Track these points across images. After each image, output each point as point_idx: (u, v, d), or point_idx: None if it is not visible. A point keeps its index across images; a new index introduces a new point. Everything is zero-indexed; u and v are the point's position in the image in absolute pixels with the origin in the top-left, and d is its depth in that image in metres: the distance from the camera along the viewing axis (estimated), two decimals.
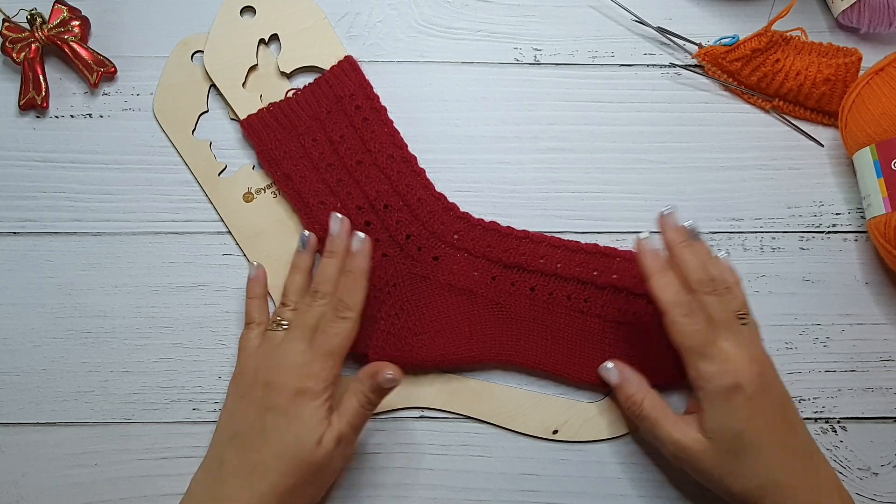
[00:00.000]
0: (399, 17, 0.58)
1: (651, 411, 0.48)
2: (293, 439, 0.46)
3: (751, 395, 0.45)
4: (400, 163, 0.54)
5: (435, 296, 0.54)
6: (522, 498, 0.53)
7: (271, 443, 0.46)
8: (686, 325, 0.46)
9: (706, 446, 0.46)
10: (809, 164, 0.57)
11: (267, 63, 0.56)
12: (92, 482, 0.52)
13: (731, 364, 0.46)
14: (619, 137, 0.57)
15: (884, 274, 0.56)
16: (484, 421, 0.53)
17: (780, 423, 0.47)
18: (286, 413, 0.46)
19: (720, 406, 0.46)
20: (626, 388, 0.50)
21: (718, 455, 0.46)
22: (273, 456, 0.45)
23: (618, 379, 0.50)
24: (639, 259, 0.49)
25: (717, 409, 0.46)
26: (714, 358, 0.46)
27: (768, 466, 0.45)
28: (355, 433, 0.48)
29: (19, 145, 0.56)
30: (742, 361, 0.46)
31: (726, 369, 0.46)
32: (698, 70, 0.58)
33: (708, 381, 0.46)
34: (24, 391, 0.53)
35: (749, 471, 0.46)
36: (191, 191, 0.56)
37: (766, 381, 0.47)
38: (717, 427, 0.46)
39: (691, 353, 0.47)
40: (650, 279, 0.48)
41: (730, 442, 0.46)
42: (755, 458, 0.45)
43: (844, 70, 0.55)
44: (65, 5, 0.56)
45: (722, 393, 0.46)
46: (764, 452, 0.45)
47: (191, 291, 0.54)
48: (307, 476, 0.46)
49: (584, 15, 0.59)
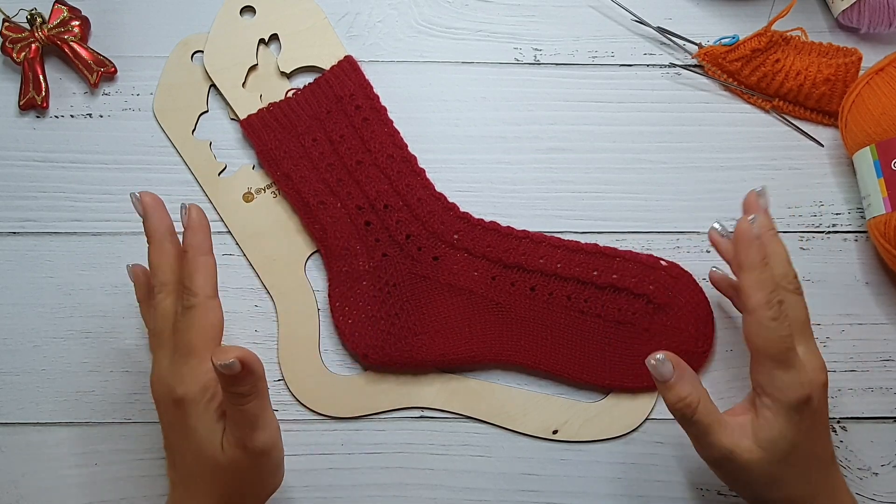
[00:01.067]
0: (399, 17, 0.58)
1: (704, 416, 0.43)
2: (195, 451, 0.43)
3: (815, 408, 0.43)
4: (400, 163, 0.54)
5: (435, 296, 0.54)
6: (522, 498, 0.53)
7: (184, 459, 0.44)
8: (773, 331, 0.42)
9: (758, 456, 0.43)
10: (809, 164, 0.57)
11: (267, 63, 0.56)
12: (92, 482, 0.52)
13: (806, 375, 0.42)
14: (619, 137, 0.57)
15: (884, 274, 0.56)
16: (484, 421, 0.53)
17: (823, 431, 0.45)
18: (178, 427, 0.44)
19: (786, 418, 0.42)
20: (680, 389, 0.43)
21: (768, 465, 0.43)
22: (188, 474, 0.44)
23: (672, 377, 0.43)
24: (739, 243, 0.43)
25: (780, 420, 0.42)
26: (792, 367, 0.42)
27: (805, 475, 0.44)
28: (252, 431, 0.43)
29: (19, 145, 0.56)
30: (814, 371, 0.43)
31: (802, 381, 0.42)
32: (698, 70, 0.58)
33: (782, 393, 0.42)
34: (24, 391, 0.53)
35: (790, 479, 0.44)
36: (191, 191, 0.56)
37: (826, 391, 0.44)
38: (775, 437, 0.43)
39: (770, 360, 0.42)
40: (746, 272, 0.42)
41: (783, 452, 0.43)
42: (798, 466, 0.43)
43: (844, 70, 0.55)
44: (65, 5, 0.56)
45: (791, 406, 0.42)
46: (806, 462, 0.44)
47: None
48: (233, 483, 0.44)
49: (584, 15, 0.59)
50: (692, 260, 0.55)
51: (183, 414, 0.43)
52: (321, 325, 0.54)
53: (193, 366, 0.43)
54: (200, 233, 0.44)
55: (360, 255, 0.54)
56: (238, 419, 0.43)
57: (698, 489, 0.53)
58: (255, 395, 0.42)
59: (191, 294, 0.43)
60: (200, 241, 0.44)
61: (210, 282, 0.44)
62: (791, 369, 0.42)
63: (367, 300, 0.53)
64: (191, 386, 0.43)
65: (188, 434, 0.43)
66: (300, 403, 0.53)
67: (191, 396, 0.43)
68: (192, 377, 0.43)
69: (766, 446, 0.43)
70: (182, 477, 0.45)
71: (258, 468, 0.44)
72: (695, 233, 0.56)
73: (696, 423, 0.43)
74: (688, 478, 0.53)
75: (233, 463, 0.43)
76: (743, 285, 0.43)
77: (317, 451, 0.53)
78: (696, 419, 0.43)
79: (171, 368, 0.44)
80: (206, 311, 0.43)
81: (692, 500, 0.53)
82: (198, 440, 0.43)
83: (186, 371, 0.43)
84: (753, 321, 0.42)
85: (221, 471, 0.43)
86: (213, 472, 0.43)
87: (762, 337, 0.42)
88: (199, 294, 0.43)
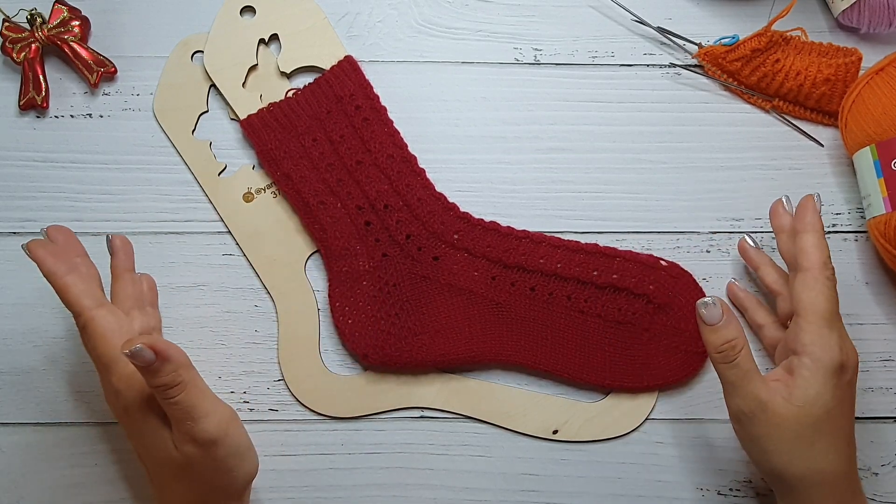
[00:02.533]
0: (399, 17, 0.58)
1: (745, 362, 0.45)
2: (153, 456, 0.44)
3: (849, 381, 0.45)
4: (400, 163, 0.54)
5: (435, 296, 0.54)
6: (522, 498, 0.53)
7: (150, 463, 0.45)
8: (829, 289, 0.45)
9: (793, 413, 0.44)
10: (809, 164, 0.57)
11: (267, 63, 0.56)
12: (92, 482, 0.52)
13: (847, 344, 0.45)
14: (619, 137, 0.57)
15: (884, 274, 0.56)
16: (484, 421, 0.53)
17: (850, 416, 0.46)
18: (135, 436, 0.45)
19: (822, 378, 0.44)
20: (727, 332, 0.45)
21: (801, 426, 0.44)
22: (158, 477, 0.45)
23: (722, 319, 0.45)
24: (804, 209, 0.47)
25: (817, 380, 0.44)
26: (838, 332, 0.45)
27: (836, 453, 0.45)
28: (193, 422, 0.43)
29: (19, 145, 0.56)
30: (851, 349, 0.46)
31: (843, 347, 0.45)
32: (698, 70, 0.58)
33: (824, 352, 0.44)
34: (24, 391, 0.53)
35: (822, 449, 0.44)
36: (191, 191, 0.56)
37: (855, 378, 0.46)
38: (811, 396, 0.44)
39: (820, 318, 0.45)
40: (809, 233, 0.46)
41: (816, 417, 0.44)
42: (829, 441, 0.44)
43: (844, 70, 0.55)
44: (65, 5, 0.56)
45: (830, 367, 0.44)
46: (836, 439, 0.45)
47: (191, 291, 0.54)
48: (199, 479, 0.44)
49: (584, 15, 0.59)
50: (692, 260, 0.55)
51: (131, 421, 0.44)
52: (321, 325, 0.54)
53: (119, 375, 0.44)
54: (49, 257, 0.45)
55: (360, 255, 0.54)
56: (175, 414, 0.43)
57: (698, 489, 0.53)
58: (181, 386, 0.42)
59: (75, 315, 0.45)
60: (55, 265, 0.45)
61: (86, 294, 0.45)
62: (836, 333, 0.45)
63: (367, 300, 0.53)
64: (126, 393, 0.44)
65: (142, 440, 0.44)
66: (300, 403, 0.53)
67: (129, 404, 0.44)
68: (123, 386, 0.44)
69: (801, 404, 0.44)
70: (155, 480, 0.46)
71: (217, 459, 0.44)
72: (695, 233, 0.56)
73: (738, 367, 0.45)
74: (688, 478, 0.53)
75: (189, 460, 0.43)
76: (804, 245, 0.46)
77: (317, 451, 0.53)
78: (738, 362, 0.44)
79: (105, 386, 0.45)
80: (98, 321, 0.44)
81: (692, 500, 0.53)
82: (150, 445, 0.44)
83: (115, 381, 0.44)
84: (809, 278, 0.45)
85: (182, 470, 0.43)
86: (175, 472, 0.44)
87: (817, 291, 0.45)
88: (81, 312, 0.44)
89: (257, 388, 0.54)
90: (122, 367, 0.44)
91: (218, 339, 0.54)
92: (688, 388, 0.54)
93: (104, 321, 0.44)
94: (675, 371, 0.52)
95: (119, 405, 0.45)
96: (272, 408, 0.53)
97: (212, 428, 0.43)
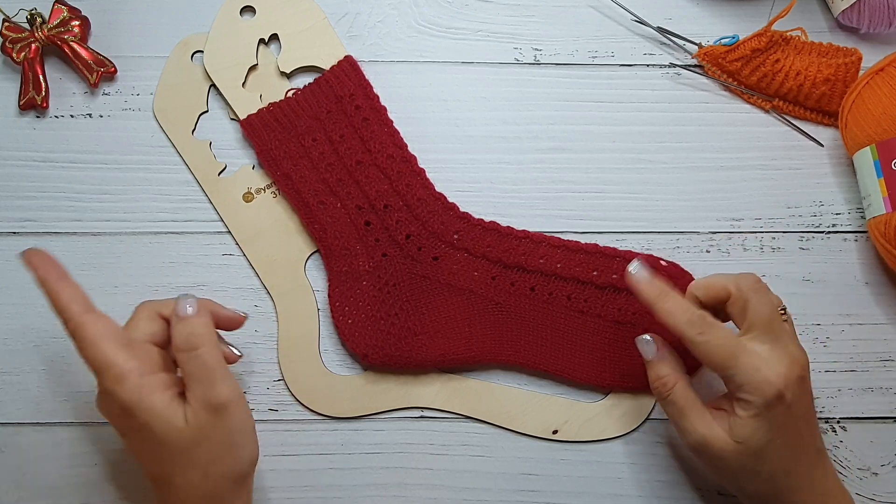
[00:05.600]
0: (399, 17, 0.58)
1: (680, 399, 0.46)
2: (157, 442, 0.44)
3: (790, 403, 0.44)
4: (400, 163, 0.54)
5: (435, 296, 0.54)
6: (522, 498, 0.53)
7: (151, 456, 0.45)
8: (705, 344, 0.44)
9: (732, 448, 0.44)
10: (809, 164, 0.57)
11: (267, 63, 0.56)
12: (92, 482, 0.52)
13: (773, 371, 0.43)
14: (619, 137, 0.57)
15: (884, 274, 0.56)
16: (484, 421, 0.53)
17: (804, 424, 0.45)
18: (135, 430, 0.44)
19: (757, 416, 0.44)
20: (659, 368, 0.47)
21: (742, 457, 0.44)
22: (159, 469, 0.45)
23: (653, 356, 0.47)
24: (635, 291, 0.47)
25: (752, 419, 0.44)
26: (749, 367, 0.44)
27: (785, 468, 0.45)
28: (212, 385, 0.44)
29: (19, 145, 0.56)
30: (782, 366, 0.44)
31: (768, 379, 0.43)
32: (698, 70, 0.58)
33: (749, 395, 0.44)
34: (24, 391, 0.53)
35: (767, 472, 0.45)
36: (191, 191, 0.56)
37: (804, 385, 0.45)
38: (748, 434, 0.44)
39: (724, 369, 0.44)
40: (654, 307, 0.46)
41: (757, 448, 0.44)
42: (776, 460, 0.44)
43: (844, 70, 0.55)
44: (65, 5, 0.56)
45: (763, 404, 0.43)
46: (784, 455, 0.45)
47: (190, 291, 0.54)
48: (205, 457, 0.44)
49: (584, 15, 0.59)
50: (692, 260, 0.55)
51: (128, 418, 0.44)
52: (321, 325, 0.54)
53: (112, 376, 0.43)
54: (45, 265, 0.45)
55: (360, 255, 0.54)
56: (195, 372, 0.44)
57: (698, 489, 0.53)
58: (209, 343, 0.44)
59: (64, 321, 0.44)
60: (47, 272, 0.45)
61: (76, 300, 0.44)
62: (750, 369, 0.44)
63: (367, 300, 0.53)
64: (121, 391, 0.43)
65: (143, 430, 0.44)
66: (300, 403, 0.53)
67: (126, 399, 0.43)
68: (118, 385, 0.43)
69: (740, 440, 0.44)
70: (155, 476, 0.45)
71: (227, 429, 0.44)
72: (695, 233, 0.56)
73: (672, 404, 0.46)
74: (688, 478, 0.53)
75: (199, 431, 0.43)
76: (661, 319, 0.46)
77: (317, 451, 0.53)
78: (672, 399, 0.46)
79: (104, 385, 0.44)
80: (88, 325, 0.44)
81: (692, 500, 0.53)
82: (157, 428, 0.43)
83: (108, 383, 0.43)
84: (687, 342, 0.45)
85: (189, 448, 0.43)
86: (182, 455, 0.44)
87: (700, 352, 0.45)
88: (71, 318, 0.44)
89: (257, 388, 0.54)
90: (114, 370, 0.43)
91: None
92: None
93: (93, 326, 0.44)
94: None
95: (114, 406, 0.44)
96: (272, 408, 0.53)
97: (227, 391, 0.44)
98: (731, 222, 0.56)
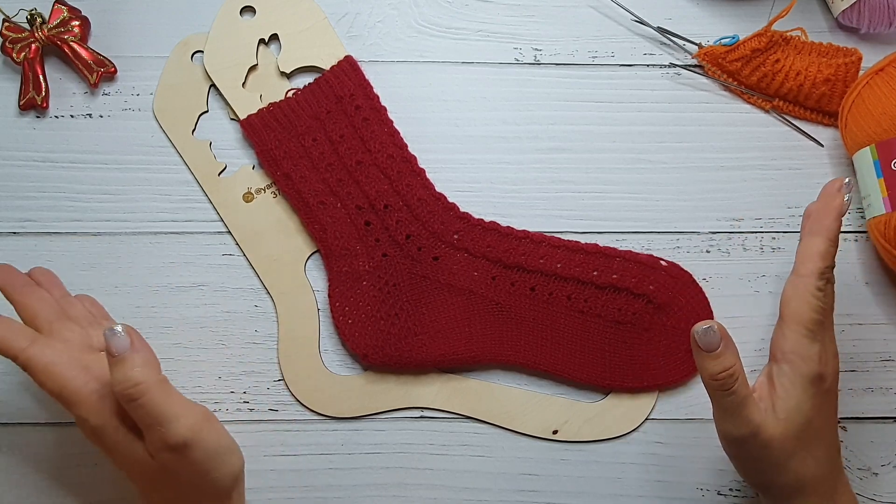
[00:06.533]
0: (399, 17, 0.58)
1: (743, 388, 0.43)
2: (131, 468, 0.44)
3: (827, 389, 0.45)
4: (400, 163, 0.54)
5: (435, 296, 0.54)
6: (522, 498, 0.53)
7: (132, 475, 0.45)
8: (817, 299, 0.44)
9: (780, 430, 0.43)
10: (809, 164, 0.57)
11: (267, 63, 0.56)
12: (92, 482, 0.52)
13: (827, 354, 0.44)
14: (619, 137, 0.57)
15: (884, 274, 0.56)
16: (484, 421, 0.53)
17: (831, 421, 0.46)
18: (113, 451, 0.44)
19: (801, 388, 0.44)
20: (726, 360, 0.43)
21: (786, 440, 0.43)
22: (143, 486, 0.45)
23: (721, 347, 0.43)
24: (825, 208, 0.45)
25: (797, 390, 0.44)
26: (820, 342, 0.44)
27: (816, 458, 0.45)
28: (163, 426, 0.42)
29: (19, 145, 0.56)
30: (833, 355, 0.45)
31: (822, 357, 0.44)
32: (698, 70, 0.58)
33: (803, 361, 0.44)
34: (24, 391, 0.53)
35: (803, 460, 0.44)
36: (191, 191, 0.56)
37: (835, 384, 0.46)
38: (792, 407, 0.44)
39: (802, 327, 0.44)
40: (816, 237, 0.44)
41: (798, 425, 0.44)
42: (811, 451, 0.44)
43: (844, 70, 0.55)
44: (65, 5, 0.56)
45: (808, 377, 0.44)
46: (815, 447, 0.45)
47: (191, 291, 0.54)
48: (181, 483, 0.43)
49: (584, 15, 0.59)
50: (692, 260, 0.55)
51: (101, 441, 0.44)
52: (321, 325, 0.54)
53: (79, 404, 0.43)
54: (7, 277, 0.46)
55: (360, 255, 0.54)
56: (143, 419, 0.42)
57: (698, 489, 0.53)
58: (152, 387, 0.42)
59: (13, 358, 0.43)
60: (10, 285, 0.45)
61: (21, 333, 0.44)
62: (815, 342, 0.44)
63: (367, 300, 0.53)
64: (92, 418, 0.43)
65: (117, 455, 0.44)
66: (300, 403, 0.53)
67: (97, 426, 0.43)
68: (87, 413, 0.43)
69: (784, 416, 0.43)
70: (141, 489, 0.46)
71: (194, 463, 0.43)
72: (695, 233, 0.56)
73: (735, 395, 0.43)
74: (688, 478, 0.53)
75: (166, 466, 0.43)
76: (809, 250, 0.44)
77: (317, 451, 0.53)
78: (735, 390, 0.43)
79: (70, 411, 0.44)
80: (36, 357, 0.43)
81: (692, 500, 0.53)
82: (126, 458, 0.43)
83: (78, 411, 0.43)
84: (801, 285, 0.44)
85: (161, 477, 0.43)
86: (155, 480, 0.44)
87: (804, 301, 0.44)
88: (17, 355, 0.43)
89: (257, 388, 0.54)
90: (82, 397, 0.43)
91: (218, 339, 0.54)
92: (688, 388, 0.54)
93: (42, 356, 0.43)
94: (675, 371, 0.52)
95: (88, 429, 0.44)
96: (272, 408, 0.53)
97: (183, 430, 0.42)
98: (731, 222, 0.56)
